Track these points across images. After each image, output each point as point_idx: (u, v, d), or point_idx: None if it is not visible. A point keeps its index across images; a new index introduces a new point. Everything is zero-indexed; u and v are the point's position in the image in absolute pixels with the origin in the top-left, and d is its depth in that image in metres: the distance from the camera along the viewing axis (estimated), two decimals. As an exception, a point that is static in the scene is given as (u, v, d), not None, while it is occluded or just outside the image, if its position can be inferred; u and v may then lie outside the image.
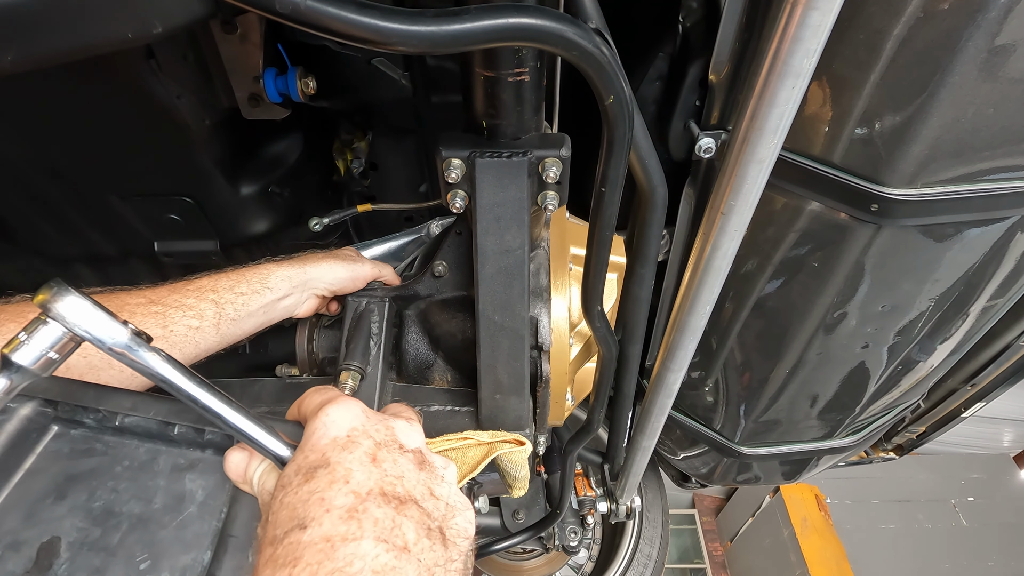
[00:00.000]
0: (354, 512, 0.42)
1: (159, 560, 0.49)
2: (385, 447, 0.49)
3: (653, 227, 0.78)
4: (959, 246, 0.80)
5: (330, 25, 0.39)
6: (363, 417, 0.50)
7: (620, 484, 1.48)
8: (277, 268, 0.81)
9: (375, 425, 0.50)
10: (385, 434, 0.50)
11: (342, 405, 0.50)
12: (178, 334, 0.69)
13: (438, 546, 0.45)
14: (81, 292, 0.43)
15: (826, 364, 1.03)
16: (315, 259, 0.86)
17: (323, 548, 0.40)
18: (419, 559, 0.42)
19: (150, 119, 0.98)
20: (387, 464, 0.47)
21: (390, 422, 0.52)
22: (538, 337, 0.81)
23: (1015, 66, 0.61)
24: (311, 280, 0.84)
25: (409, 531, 0.43)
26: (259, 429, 0.48)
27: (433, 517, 0.47)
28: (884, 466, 2.95)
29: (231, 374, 1.27)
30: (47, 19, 0.42)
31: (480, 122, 0.60)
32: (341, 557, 0.39)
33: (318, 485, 0.44)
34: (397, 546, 0.42)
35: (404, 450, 0.50)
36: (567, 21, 0.45)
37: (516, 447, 0.76)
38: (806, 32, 0.51)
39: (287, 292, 0.81)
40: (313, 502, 0.42)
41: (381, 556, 0.40)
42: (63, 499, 0.51)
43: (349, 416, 0.49)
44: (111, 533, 0.50)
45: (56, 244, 1.24)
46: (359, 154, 1.28)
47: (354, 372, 0.80)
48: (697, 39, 0.81)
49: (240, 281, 0.77)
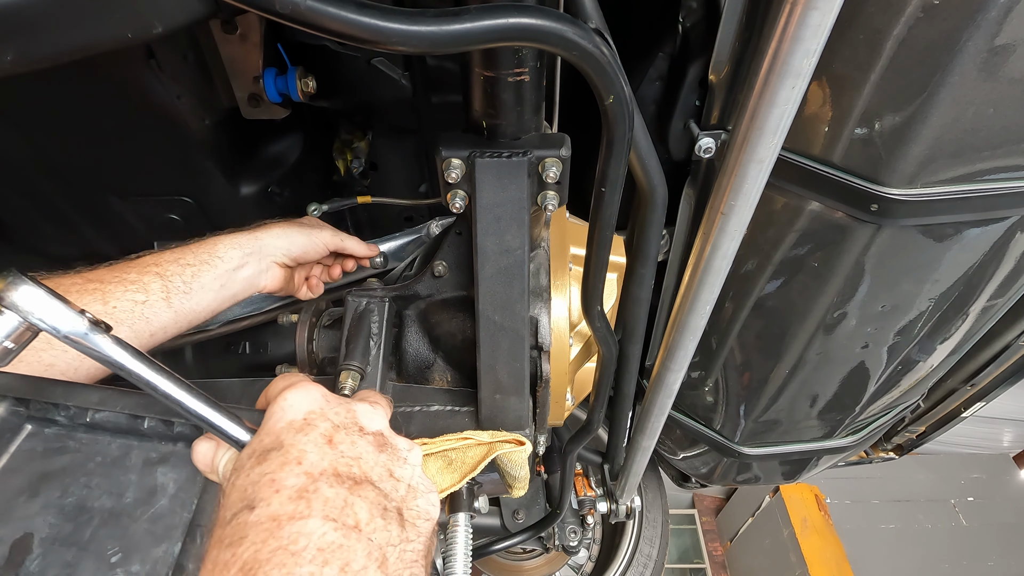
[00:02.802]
0: (304, 492, 0.42)
1: (131, 553, 0.50)
2: (344, 429, 0.49)
3: (653, 227, 0.78)
4: (959, 246, 0.80)
5: (330, 25, 0.39)
6: (322, 401, 0.51)
7: (620, 484, 1.48)
8: (226, 237, 0.79)
9: (334, 408, 0.51)
10: (345, 417, 0.51)
11: (301, 389, 0.50)
12: (123, 310, 0.67)
13: (393, 526, 0.45)
14: (36, 281, 0.43)
15: (826, 364, 1.03)
16: (269, 226, 0.84)
17: (269, 527, 0.40)
18: (370, 538, 0.42)
19: (150, 119, 0.98)
20: (344, 446, 0.48)
21: (352, 405, 0.53)
22: (538, 337, 0.81)
23: (1015, 66, 0.61)
24: (266, 247, 0.82)
25: (362, 511, 0.43)
26: (219, 415, 0.48)
27: (390, 498, 0.47)
28: (884, 466, 2.95)
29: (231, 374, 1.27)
30: (47, 19, 0.42)
31: (480, 122, 0.60)
32: (286, 535, 0.39)
33: (270, 467, 0.44)
34: (347, 525, 0.42)
35: (364, 432, 0.50)
36: (567, 21, 0.45)
37: (516, 447, 0.76)
38: (806, 32, 0.51)
39: (241, 261, 0.79)
40: (264, 483, 0.43)
41: (328, 534, 0.40)
42: (36, 496, 0.52)
43: (308, 400, 0.50)
44: (83, 528, 0.51)
45: (56, 244, 1.24)
46: (359, 154, 1.28)
47: (354, 372, 0.80)
48: (697, 39, 0.81)
49: (185, 253, 0.76)
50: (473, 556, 0.75)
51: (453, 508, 0.76)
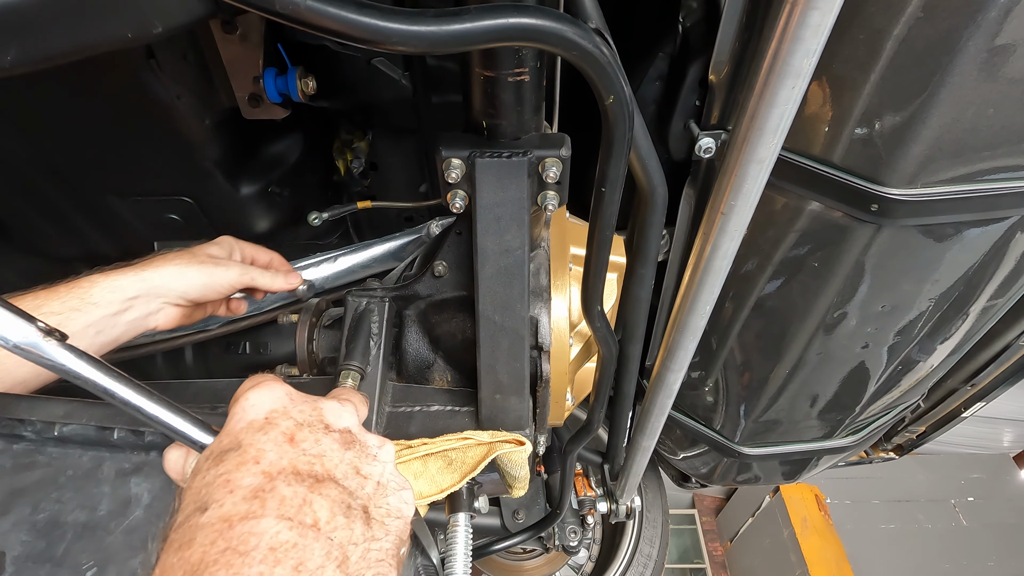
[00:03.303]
0: (259, 492, 0.41)
1: (106, 566, 0.49)
2: (307, 427, 0.48)
3: (653, 227, 0.78)
4: (959, 246, 0.80)
5: (330, 25, 0.39)
6: (286, 399, 0.50)
7: (620, 484, 1.48)
8: (104, 279, 0.71)
9: (299, 406, 0.50)
10: (310, 415, 0.50)
11: (264, 388, 0.50)
12: None
13: (358, 524, 0.44)
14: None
15: (826, 364, 1.02)
16: (160, 263, 0.75)
17: (219, 528, 0.39)
18: (330, 537, 0.41)
19: (150, 119, 0.98)
20: (306, 444, 0.47)
21: (319, 403, 0.52)
22: (538, 337, 0.81)
23: (1015, 66, 0.61)
24: (156, 289, 0.74)
25: (322, 509, 0.43)
26: (180, 419, 0.47)
27: (355, 495, 0.46)
28: (884, 466, 2.95)
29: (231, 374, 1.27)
30: (47, 19, 0.42)
31: (480, 122, 0.60)
32: (236, 535, 0.38)
33: (226, 467, 0.43)
34: (304, 524, 0.41)
35: (329, 430, 0.50)
36: (567, 21, 0.45)
37: (516, 447, 0.76)
38: (806, 32, 0.51)
39: (123, 306, 0.71)
40: (218, 484, 0.42)
41: (282, 533, 0.39)
42: (7, 514, 0.51)
43: (271, 399, 0.49)
44: (56, 544, 0.50)
45: (56, 244, 1.24)
46: (359, 154, 1.28)
47: (354, 372, 0.80)
48: (697, 39, 0.81)
49: (51, 299, 0.68)
50: (473, 556, 0.76)
51: (453, 508, 0.76)
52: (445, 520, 0.77)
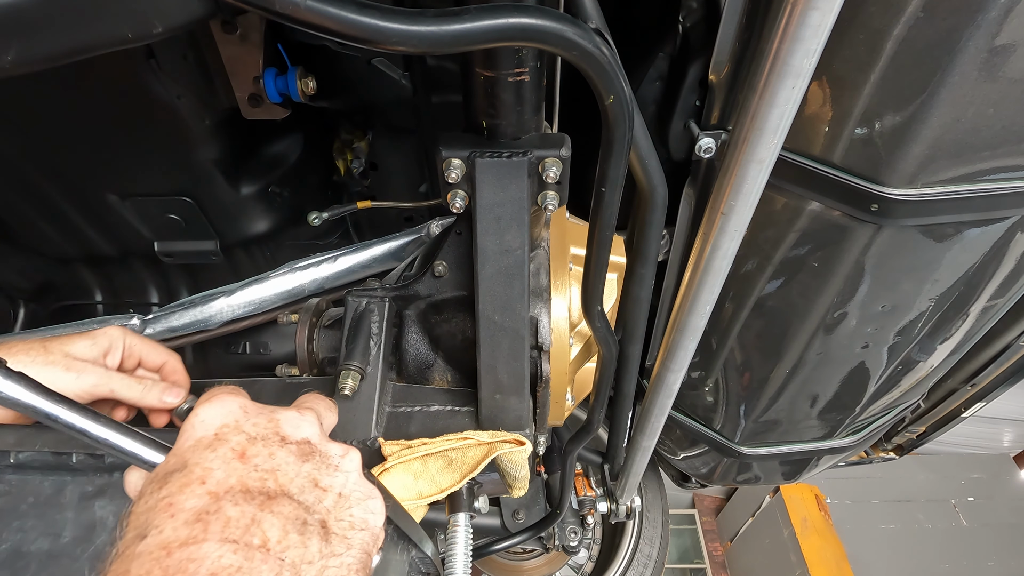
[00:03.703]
0: (203, 514, 0.40)
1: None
2: (261, 441, 0.46)
3: (653, 227, 0.78)
4: (959, 246, 0.80)
5: (330, 25, 0.39)
6: (239, 412, 0.48)
7: (620, 484, 1.48)
8: None
9: (252, 419, 0.48)
10: (265, 427, 0.48)
11: (216, 402, 0.48)
12: None
13: (314, 541, 0.42)
14: None
15: (826, 364, 1.02)
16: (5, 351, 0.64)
17: (157, 556, 0.37)
18: (280, 557, 0.40)
19: (150, 119, 0.98)
20: (258, 459, 0.45)
21: (275, 415, 0.50)
22: (538, 337, 0.81)
23: (1015, 66, 0.61)
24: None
25: (272, 528, 0.41)
26: (130, 440, 0.45)
27: (312, 510, 0.44)
28: (884, 466, 2.95)
29: (231, 374, 1.27)
30: (47, 19, 0.42)
31: (480, 122, 0.60)
32: (174, 563, 0.36)
33: (170, 489, 0.41)
34: (251, 545, 0.39)
35: (286, 442, 0.48)
36: (567, 21, 0.45)
37: (516, 447, 0.76)
38: (806, 32, 0.51)
39: None
40: (159, 509, 0.40)
41: (225, 557, 0.37)
42: None
43: (222, 413, 0.47)
44: (20, 574, 0.48)
45: (56, 244, 1.24)
46: (359, 154, 1.28)
47: (354, 372, 0.80)
48: (697, 39, 0.81)
49: None
50: (473, 556, 0.75)
51: (453, 508, 0.76)
52: (445, 520, 0.77)
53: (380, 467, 0.72)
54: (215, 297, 1.01)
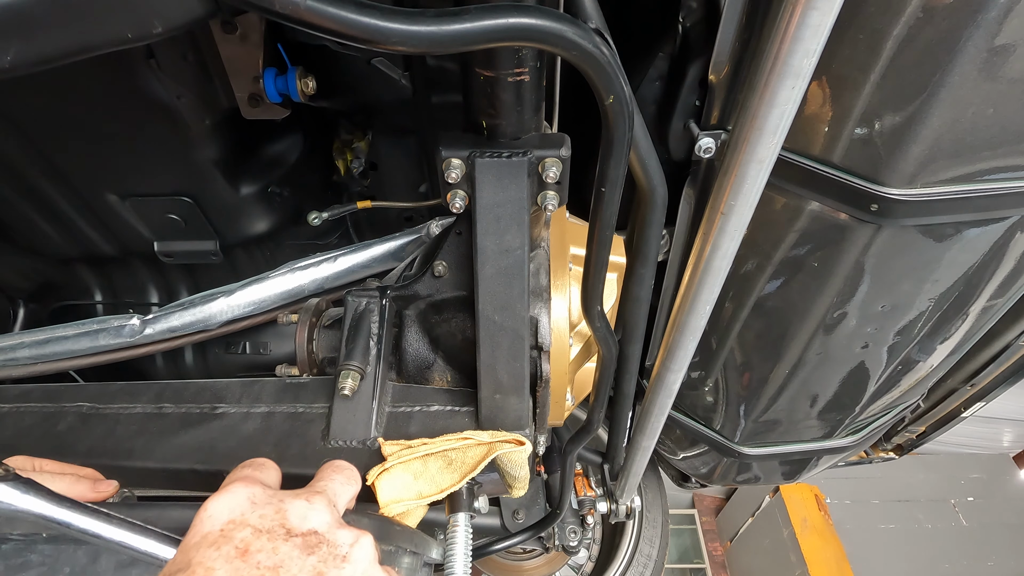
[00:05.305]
0: None
1: None
2: (266, 535, 0.46)
3: (653, 227, 0.78)
4: (959, 246, 0.80)
5: (330, 25, 0.39)
6: (247, 504, 0.48)
7: (620, 484, 1.48)
8: None
9: (260, 511, 0.48)
10: (272, 519, 0.48)
11: (225, 495, 0.48)
12: None
13: None
14: None
15: (826, 364, 1.02)
16: None
17: None
18: None
19: (150, 119, 0.98)
20: (261, 555, 0.45)
21: (284, 504, 0.50)
22: (538, 337, 0.81)
23: (1015, 66, 0.61)
24: None
25: None
26: (141, 538, 0.46)
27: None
28: (884, 466, 2.95)
29: (231, 374, 1.27)
30: (47, 19, 0.42)
31: (480, 122, 0.60)
32: None
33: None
34: None
35: (291, 535, 0.47)
36: (567, 21, 0.45)
37: (516, 447, 0.76)
38: (806, 32, 0.51)
39: None
40: None
41: None
42: None
43: (229, 507, 0.48)
44: None
45: (56, 244, 1.24)
46: (359, 154, 1.28)
47: (354, 372, 0.80)
48: (697, 39, 0.81)
49: None
50: (473, 556, 0.75)
51: (453, 508, 0.76)
52: (445, 520, 0.77)
53: (380, 467, 0.72)
54: (215, 297, 1.01)
